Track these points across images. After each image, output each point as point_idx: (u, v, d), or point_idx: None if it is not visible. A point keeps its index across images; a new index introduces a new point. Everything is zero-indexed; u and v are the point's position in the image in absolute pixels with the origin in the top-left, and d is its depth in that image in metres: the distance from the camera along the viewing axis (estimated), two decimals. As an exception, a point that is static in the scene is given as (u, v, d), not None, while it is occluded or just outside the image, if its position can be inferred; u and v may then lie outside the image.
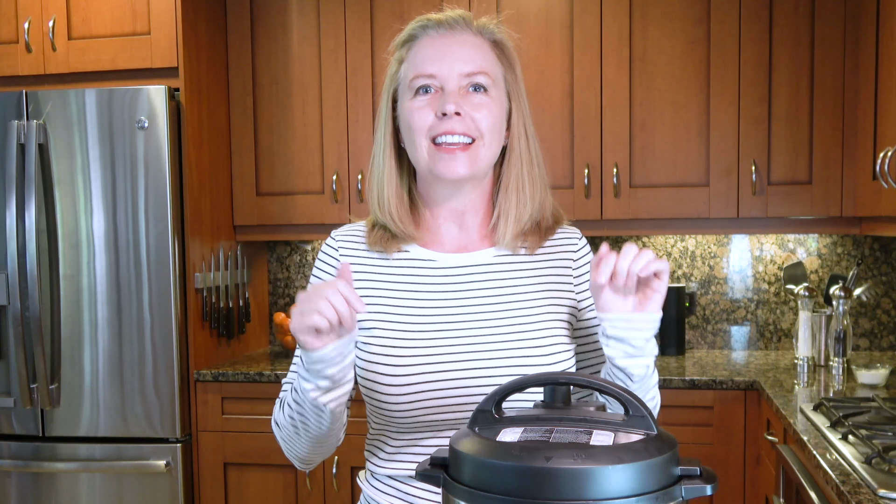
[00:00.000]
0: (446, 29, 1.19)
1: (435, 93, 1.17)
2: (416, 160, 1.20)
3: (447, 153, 1.15)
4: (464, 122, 1.15)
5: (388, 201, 1.22)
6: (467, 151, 1.16)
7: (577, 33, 2.82)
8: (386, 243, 1.23)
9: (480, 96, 1.17)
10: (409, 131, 1.18)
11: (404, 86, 1.20)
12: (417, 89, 1.17)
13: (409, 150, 1.21)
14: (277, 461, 2.75)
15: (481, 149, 1.17)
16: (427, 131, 1.16)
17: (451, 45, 1.18)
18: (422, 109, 1.17)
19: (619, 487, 0.72)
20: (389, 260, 1.23)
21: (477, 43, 1.19)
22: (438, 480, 0.81)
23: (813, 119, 2.73)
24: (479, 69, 1.17)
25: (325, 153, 2.99)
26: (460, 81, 1.16)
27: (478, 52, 1.19)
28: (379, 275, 1.23)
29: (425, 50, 1.18)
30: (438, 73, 1.16)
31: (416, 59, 1.19)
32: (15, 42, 2.82)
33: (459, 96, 1.16)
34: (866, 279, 2.99)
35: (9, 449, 2.76)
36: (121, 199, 2.68)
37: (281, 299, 3.39)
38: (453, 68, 1.16)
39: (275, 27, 3.01)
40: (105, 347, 2.70)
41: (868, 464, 1.57)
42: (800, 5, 2.72)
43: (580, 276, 1.26)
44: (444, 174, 1.16)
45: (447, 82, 1.16)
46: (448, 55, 1.17)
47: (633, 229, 2.88)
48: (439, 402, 1.15)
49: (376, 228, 1.25)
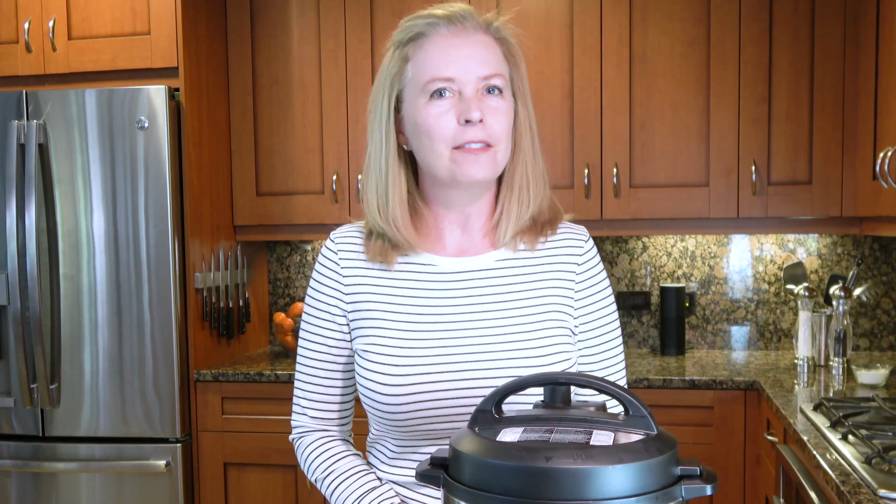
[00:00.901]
0: (456, 26, 1.14)
1: (452, 97, 1.13)
2: (431, 166, 1.16)
3: (471, 154, 1.12)
4: (484, 128, 1.13)
5: (391, 209, 1.18)
6: (487, 153, 1.13)
7: (577, 33, 2.82)
8: (386, 255, 1.20)
9: (496, 99, 1.14)
10: (427, 137, 1.14)
11: (415, 88, 1.15)
12: (433, 93, 1.13)
13: (422, 155, 1.16)
14: (277, 461, 2.75)
15: (498, 154, 1.15)
16: (450, 139, 1.13)
17: (466, 46, 1.13)
18: (442, 116, 1.12)
19: (619, 487, 0.72)
20: (390, 265, 1.21)
21: (487, 42, 1.16)
22: (438, 480, 0.81)
23: (813, 119, 2.73)
24: (495, 71, 1.14)
25: (325, 153, 2.99)
26: (477, 84, 1.13)
27: (490, 52, 1.15)
28: (379, 279, 1.21)
29: (438, 51, 1.13)
30: (456, 77, 1.12)
31: (428, 59, 1.13)
32: (15, 42, 2.82)
33: (478, 100, 1.13)
34: (866, 279, 2.99)
35: (9, 449, 2.76)
36: (121, 199, 2.68)
37: (281, 299, 3.39)
38: (470, 71, 1.12)
39: (275, 27, 3.01)
40: (105, 347, 2.70)
41: (868, 464, 1.56)
42: (800, 5, 2.72)
43: (582, 282, 1.23)
44: (468, 177, 1.13)
45: (465, 86, 1.12)
46: (464, 56, 1.13)
47: (633, 229, 2.88)
48: (439, 410, 1.14)
49: (374, 238, 1.22)
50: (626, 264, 3.15)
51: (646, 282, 3.15)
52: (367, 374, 1.17)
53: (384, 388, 1.15)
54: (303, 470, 1.26)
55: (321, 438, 1.24)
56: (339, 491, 1.17)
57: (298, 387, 1.27)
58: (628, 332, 3.15)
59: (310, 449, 1.24)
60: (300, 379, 1.26)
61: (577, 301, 1.22)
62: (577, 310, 1.22)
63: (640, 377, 2.56)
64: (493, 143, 1.14)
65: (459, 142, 1.12)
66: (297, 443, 1.26)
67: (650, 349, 3.13)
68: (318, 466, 1.22)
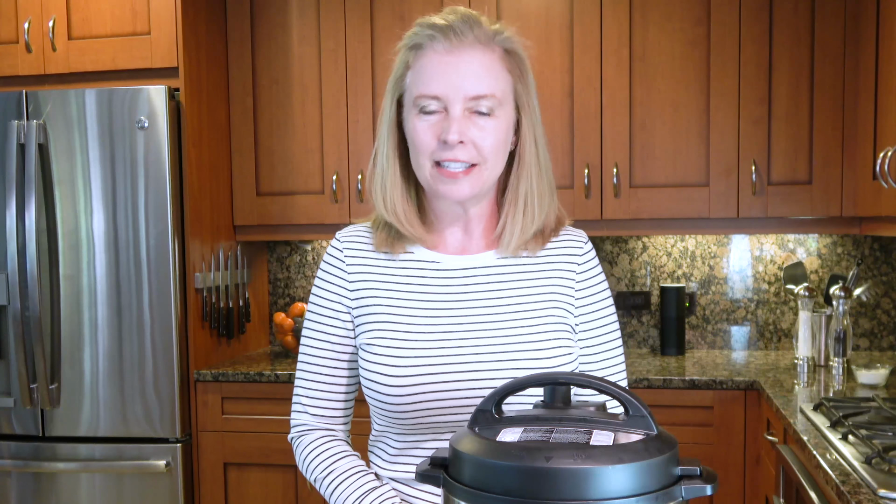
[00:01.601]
0: (454, 39, 1.13)
1: (439, 114, 1.14)
2: (419, 177, 1.18)
3: (450, 178, 1.14)
4: (466, 149, 1.13)
5: (392, 203, 1.21)
6: (469, 175, 1.14)
7: (577, 33, 2.82)
8: (392, 244, 1.23)
9: (485, 120, 1.14)
10: (413, 148, 1.17)
11: (409, 99, 1.17)
12: (421, 108, 1.14)
13: (413, 164, 1.19)
14: (277, 461, 2.75)
15: (484, 172, 1.15)
16: (430, 154, 1.14)
17: (459, 64, 1.13)
18: (425, 131, 1.14)
19: (619, 487, 0.72)
20: (394, 261, 1.23)
21: (486, 57, 1.14)
22: (438, 480, 0.81)
23: (813, 119, 2.73)
24: (487, 91, 1.13)
25: (325, 153, 2.99)
26: (465, 104, 1.13)
27: (486, 70, 1.14)
28: (383, 276, 1.23)
29: (431, 67, 1.14)
30: (443, 95, 1.13)
31: (421, 74, 1.14)
32: (15, 42, 2.82)
33: (464, 118, 1.13)
34: (866, 279, 2.99)
35: (9, 449, 2.76)
36: (121, 199, 2.68)
37: (281, 299, 3.39)
38: (459, 90, 1.12)
39: (275, 27, 3.01)
40: (105, 347, 2.70)
41: (868, 464, 1.56)
42: (800, 5, 2.72)
43: (582, 283, 1.24)
44: (447, 196, 1.16)
45: (452, 105, 1.12)
46: (453, 75, 1.12)
47: (633, 229, 2.88)
48: (442, 404, 1.15)
49: (382, 228, 1.24)
50: (626, 264, 3.15)
51: (646, 282, 3.15)
52: (372, 367, 1.18)
53: (389, 380, 1.15)
54: (301, 469, 1.26)
55: (321, 437, 1.24)
56: (339, 491, 1.17)
57: (300, 385, 1.27)
58: (628, 332, 3.15)
59: (310, 448, 1.24)
60: (302, 377, 1.26)
61: (577, 301, 1.24)
62: (577, 309, 1.24)
63: (640, 377, 2.56)
64: (479, 162, 1.15)
65: (438, 159, 1.14)
66: (297, 442, 1.26)
67: (650, 349, 3.13)
68: (318, 466, 1.22)
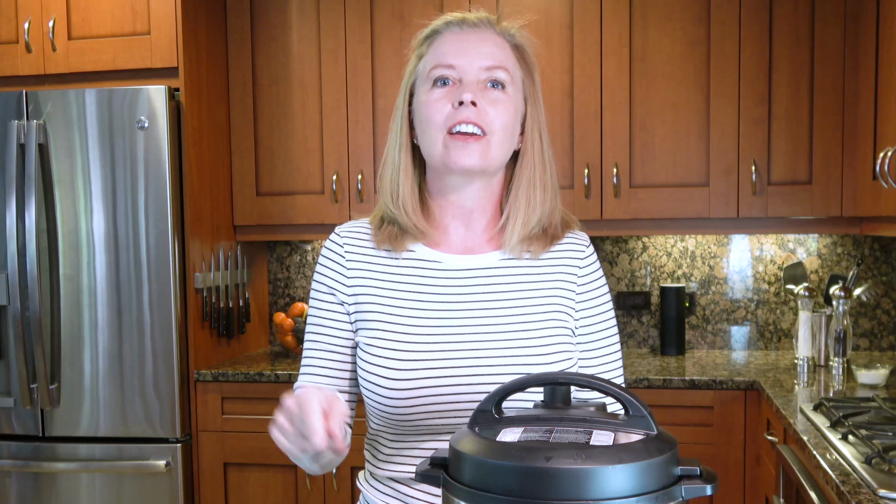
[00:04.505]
0: (470, 27, 1.21)
1: (453, 85, 1.18)
2: (429, 154, 1.20)
3: (461, 141, 1.15)
4: (479, 113, 1.15)
5: (402, 195, 1.22)
6: (479, 142, 1.16)
7: (577, 33, 2.82)
8: (395, 241, 1.23)
9: (497, 92, 1.18)
10: (425, 123, 1.18)
11: (422, 77, 1.20)
12: (435, 80, 1.18)
13: (423, 144, 1.20)
14: (277, 461, 2.75)
15: (493, 144, 1.17)
16: (443, 123, 1.16)
17: (473, 41, 1.19)
18: (438, 101, 1.17)
19: (619, 487, 0.72)
20: (396, 259, 1.23)
21: (499, 42, 1.21)
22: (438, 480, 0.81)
23: (813, 119, 2.73)
24: (500, 63, 1.18)
25: (325, 153, 2.99)
26: (479, 75, 1.17)
27: (499, 49, 1.20)
28: (384, 273, 1.23)
29: (447, 44, 1.20)
30: (458, 65, 1.17)
31: (436, 52, 1.20)
32: (15, 42, 2.82)
33: (477, 89, 1.16)
34: (866, 279, 2.99)
35: (9, 449, 2.76)
36: (121, 199, 2.68)
37: (281, 299, 3.39)
38: (473, 62, 1.17)
39: (275, 27, 3.01)
40: (105, 347, 2.70)
41: (868, 464, 1.56)
42: (800, 5, 2.72)
43: (583, 286, 1.25)
44: (457, 163, 1.16)
45: (466, 74, 1.17)
46: (469, 49, 1.18)
47: (633, 229, 2.88)
48: (440, 406, 1.14)
49: (385, 225, 1.25)
50: (626, 264, 3.15)
51: (646, 282, 3.15)
52: (369, 367, 1.17)
53: (386, 381, 1.15)
54: None
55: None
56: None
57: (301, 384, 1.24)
58: (628, 332, 3.15)
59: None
60: (305, 373, 1.24)
61: (578, 304, 1.24)
62: (578, 312, 1.24)
63: (640, 377, 2.56)
64: (488, 132, 1.16)
65: (451, 123, 1.15)
66: None
67: (650, 349, 3.13)
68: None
